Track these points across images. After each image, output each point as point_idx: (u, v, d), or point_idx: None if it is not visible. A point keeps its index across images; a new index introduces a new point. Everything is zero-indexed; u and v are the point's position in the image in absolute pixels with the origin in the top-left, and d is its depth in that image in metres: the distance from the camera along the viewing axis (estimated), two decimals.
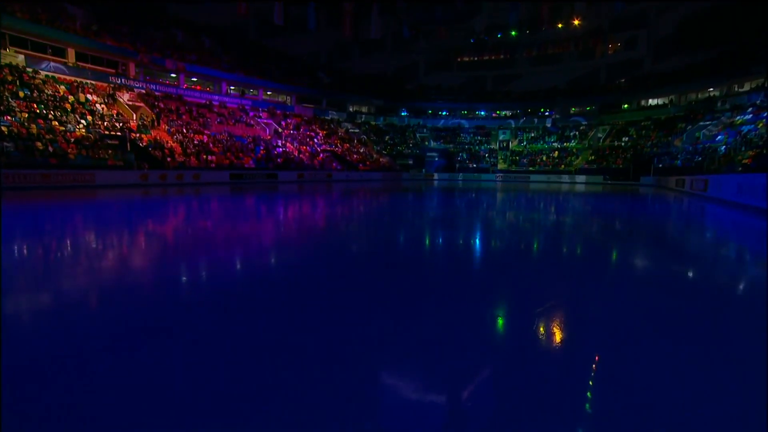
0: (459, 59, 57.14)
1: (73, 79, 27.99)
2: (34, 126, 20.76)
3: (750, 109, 35.34)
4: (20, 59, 25.75)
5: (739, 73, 38.48)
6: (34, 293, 3.33)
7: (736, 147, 29.59)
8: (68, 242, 5.82)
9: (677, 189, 21.35)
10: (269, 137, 37.65)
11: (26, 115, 21.40)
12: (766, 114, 32.58)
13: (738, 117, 35.31)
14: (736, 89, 39.41)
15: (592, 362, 2.10)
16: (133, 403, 1.74)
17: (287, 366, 2.08)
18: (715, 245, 5.92)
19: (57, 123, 22.46)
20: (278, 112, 43.91)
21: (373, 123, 52.97)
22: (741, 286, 3.70)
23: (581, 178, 39.86)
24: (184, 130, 30.44)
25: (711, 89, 41.47)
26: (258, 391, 1.84)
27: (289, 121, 43.36)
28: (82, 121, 24.07)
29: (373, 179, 39.62)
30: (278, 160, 33.89)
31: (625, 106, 47.63)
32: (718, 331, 2.59)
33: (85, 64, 29.98)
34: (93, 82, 29.14)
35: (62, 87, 26.23)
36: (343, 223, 7.59)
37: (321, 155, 39.57)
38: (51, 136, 20.86)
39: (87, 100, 26.52)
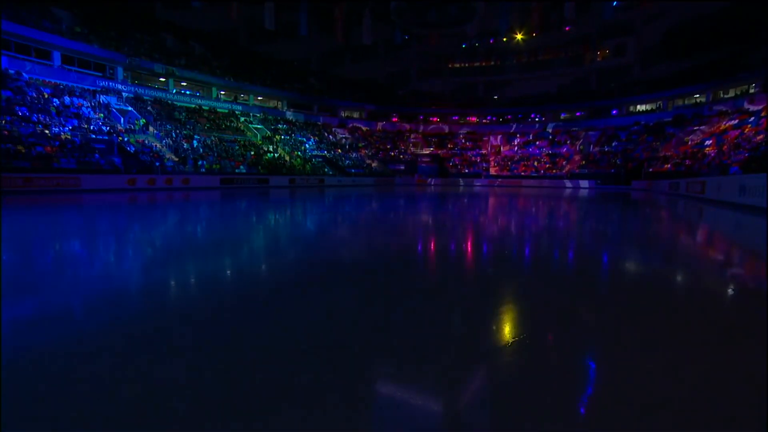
0: (450, 65, 57.50)
1: (58, 81, 27.30)
2: (16, 128, 20.07)
3: (735, 115, 36.01)
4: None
5: (723, 80, 39.21)
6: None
7: (724, 151, 30.08)
8: (52, 251, 5.37)
9: (671, 192, 21.43)
10: (260, 142, 37.17)
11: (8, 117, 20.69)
12: (752, 119, 33.26)
13: (725, 122, 35.94)
14: (721, 95, 40.15)
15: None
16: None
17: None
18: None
19: (41, 126, 21.77)
20: (270, 117, 43.50)
21: (364, 128, 52.80)
22: None
23: (573, 182, 40.08)
24: (174, 135, 29.84)
25: (697, 95, 42.21)
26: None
27: (280, 126, 42.96)
28: (68, 125, 23.37)
29: (365, 184, 39.33)
30: (270, 164, 33.41)
31: (615, 111, 48.24)
32: None
33: (71, 67, 29.29)
34: (79, 85, 28.46)
35: (47, 90, 25.52)
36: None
37: (313, 160, 39.19)
38: (34, 139, 20.17)
39: (73, 103, 25.83)
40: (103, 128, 25.26)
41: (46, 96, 24.84)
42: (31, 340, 2.08)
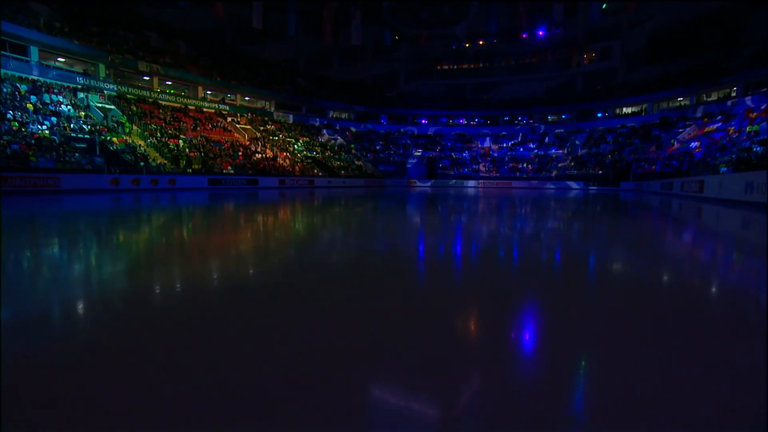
0: (439, 67, 57.52)
1: (35, 78, 26.14)
2: None
3: (719, 117, 36.78)
4: None
5: (707, 84, 40.02)
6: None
7: (711, 152, 30.62)
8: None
9: (665, 192, 21.53)
10: (248, 143, 36.36)
11: None
12: (734, 121, 34.00)
13: (709, 125, 36.66)
14: (705, 98, 40.99)
15: None
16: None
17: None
18: None
19: (17, 124, 20.71)
20: (258, 117, 42.71)
21: (354, 130, 52.36)
22: None
23: (563, 184, 40.33)
24: (159, 134, 28.89)
25: (681, 98, 43.06)
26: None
27: (268, 126, 42.19)
28: (46, 123, 22.32)
29: (355, 186, 38.85)
30: (259, 165, 32.68)
31: (600, 114, 48.88)
32: None
33: (49, 63, 28.11)
34: (58, 83, 27.30)
35: (23, 86, 24.38)
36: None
37: (302, 161, 38.54)
38: (10, 137, 19.14)
39: (52, 100, 24.73)
40: (84, 127, 24.24)
41: (23, 92, 23.71)
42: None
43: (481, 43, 52.64)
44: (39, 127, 21.59)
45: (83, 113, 25.87)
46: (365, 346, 1.76)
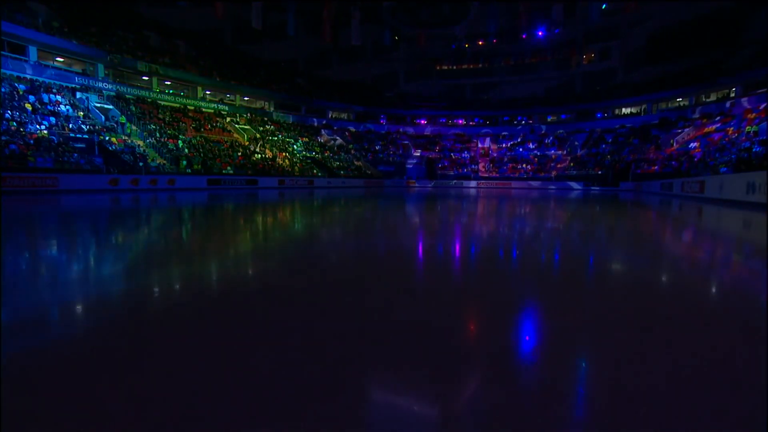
0: (438, 67, 57.48)
1: (33, 78, 26.04)
2: None
3: (718, 118, 36.79)
4: None
5: (706, 84, 40.01)
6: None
7: (710, 152, 30.62)
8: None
9: (665, 192, 21.50)
10: (247, 143, 36.29)
11: None
12: (734, 121, 33.99)
13: (708, 125, 36.65)
14: (703, 99, 41.00)
15: None
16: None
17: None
18: None
19: (15, 123, 20.61)
20: (257, 117, 42.63)
21: (353, 130, 52.29)
22: None
23: (562, 184, 40.31)
24: (158, 134, 28.80)
25: (680, 99, 43.07)
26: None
27: (268, 127, 42.12)
28: (45, 123, 22.23)
29: (355, 186, 38.81)
30: (259, 165, 32.61)
31: (600, 114, 48.86)
32: None
33: (48, 63, 28.01)
34: (57, 82, 27.20)
35: (21, 86, 24.28)
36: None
37: (301, 162, 38.49)
38: (8, 137, 19.05)
39: (50, 100, 24.63)
40: (83, 127, 24.15)
41: (21, 92, 23.61)
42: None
43: (480, 43, 52.57)
44: (37, 127, 21.51)
45: (82, 113, 25.77)
46: (365, 346, 1.71)
